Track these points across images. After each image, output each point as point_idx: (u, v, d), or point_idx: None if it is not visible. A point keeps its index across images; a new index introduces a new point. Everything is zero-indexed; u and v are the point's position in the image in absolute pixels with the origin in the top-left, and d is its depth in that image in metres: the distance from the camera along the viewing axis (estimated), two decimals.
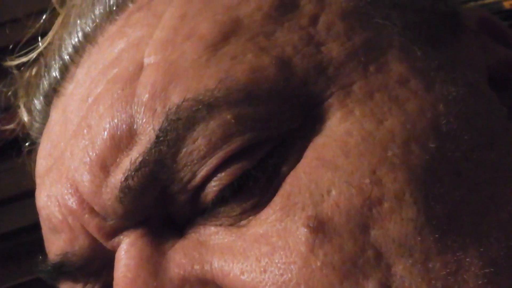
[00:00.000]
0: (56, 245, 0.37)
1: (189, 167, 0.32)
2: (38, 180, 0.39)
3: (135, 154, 0.32)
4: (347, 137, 0.31)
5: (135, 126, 0.33)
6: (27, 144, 0.46)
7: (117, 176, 0.33)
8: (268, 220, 0.31)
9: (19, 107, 0.44)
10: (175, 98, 0.32)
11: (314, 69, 0.33)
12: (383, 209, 0.30)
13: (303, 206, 0.31)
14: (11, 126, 0.46)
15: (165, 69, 0.33)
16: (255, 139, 0.31)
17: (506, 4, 0.73)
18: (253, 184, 0.32)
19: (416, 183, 0.31)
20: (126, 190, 0.32)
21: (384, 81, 0.33)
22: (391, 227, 0.30)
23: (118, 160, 0.33)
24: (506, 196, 0.32)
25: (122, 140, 0.33)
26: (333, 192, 0.31)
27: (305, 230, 0.30)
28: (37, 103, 0.41)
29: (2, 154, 0.50)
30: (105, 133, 0.33)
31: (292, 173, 0.32)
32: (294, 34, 0.33)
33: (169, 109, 0.32)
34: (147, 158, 0.32)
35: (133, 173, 0.32)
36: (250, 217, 0.32)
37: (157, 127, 0.32)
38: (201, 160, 0.32)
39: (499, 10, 0.72)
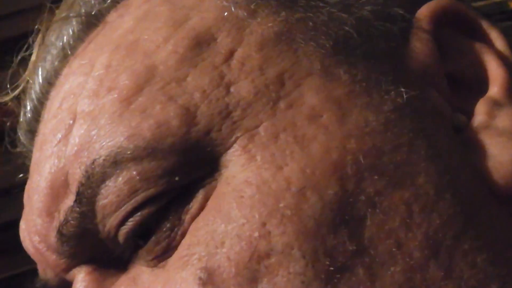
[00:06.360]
0: (39, 272, 0.41)
1: (105, 219, 0.34)
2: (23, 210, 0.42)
3: (66, 205, 0.36)
4: (244, 187, 0.32)
5: (68, 177, 0.36)
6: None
7: (56, 222, 0.36)
8: (172, 267, 0.33)
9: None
10: (93, 154, 0.34)
11: (219, 114, 0.33)
12: (271, 263, 0.30)
13: (199, 257, 0.32)
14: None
15: (89, 123, 0.35)
16: (158, 193, 0.33)
17: (511, 4, 0.72)
18: (159, 231, 0.33)
19: (306, 236, 0.30)
20: (61, 236, 0.36)
21: (293, 118, 0.33)
22: (279, 281, 0.30)
23: (59, 206, 0.36)
24: (411, 246, 0.31)
25: (59, 190, 0.36)
26: (226, 245, 0.31)
27: (196, 281, 0.31)
28: (24, 140, 0.45)
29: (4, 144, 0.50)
30: (46, 183, 0.37)
31: (193, 222, 0.33)
32: (206, 76, 0.34)
33: (87, 165, 0.34)
34: (71, 212, 0.35)
35: (63, 223, 0.36)
36: (166, 258, 0.34)
37: (77, 183, 0.35)
38: (114, 213, 0.34)
39: (504, 10, 0.72)
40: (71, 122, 0.36)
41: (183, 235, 0.33)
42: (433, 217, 0.31)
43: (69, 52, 0.40)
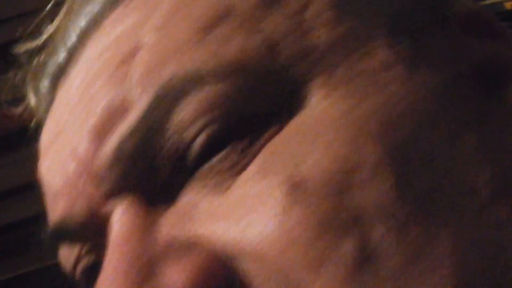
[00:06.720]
0: (56, 212, 0.38)
1: (177, 134, 0.33)
2: (42, 152, 0.40)
3: (129, 121, 0.34)
4: (327, 112, 0.32)
5: (129, 99, 0.34)
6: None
7: (112, 142, 0.34)
8: (246, 182, 0.32)
9: (25, 95, 0.45)
10: (167, 74, 0.34)
11: (299, 53, 0.34)
12: (363, 175, 0.31)
13: (280, 170, 0.31)
14: (18, 109, 0.46)
15: (159, 49, 0.35)
16: (238, 112, 0.33)
17: (508, 5, 0.73)
18: (229, 149, 0.33)
19: (396, 156, 0.31)
20: (119, 153, 0.34)
21: (367, 66, 0.34)
22: (370, 193, 0.30)
23: (113, 129, 0.34)
24: (481, 185, 0.32)
25: (117, 111, 0.35)
26: (311, 157, 0.31)
27: (281, 190, 0.31)
28: (44, 87, 0.43)
29: (5, 146, 0.50)
30: (101, 105, 0.35)
31: (270, 143, 0.33)
32: (283, 21, 0.35)
33: (160, 83, 0.34)
34: (139, 125, 0.34)
35: (126, 137, 0.34)
36: (232, 179, 0.33)
37: (149, 99, 0.34)
38: (189, 128, 0.33)
39: (500, 10, 0.72)
40: (133, 51, 0.36)
41: (255, 155, 0.33)
42: (490, 166, 0.33)
43: None
